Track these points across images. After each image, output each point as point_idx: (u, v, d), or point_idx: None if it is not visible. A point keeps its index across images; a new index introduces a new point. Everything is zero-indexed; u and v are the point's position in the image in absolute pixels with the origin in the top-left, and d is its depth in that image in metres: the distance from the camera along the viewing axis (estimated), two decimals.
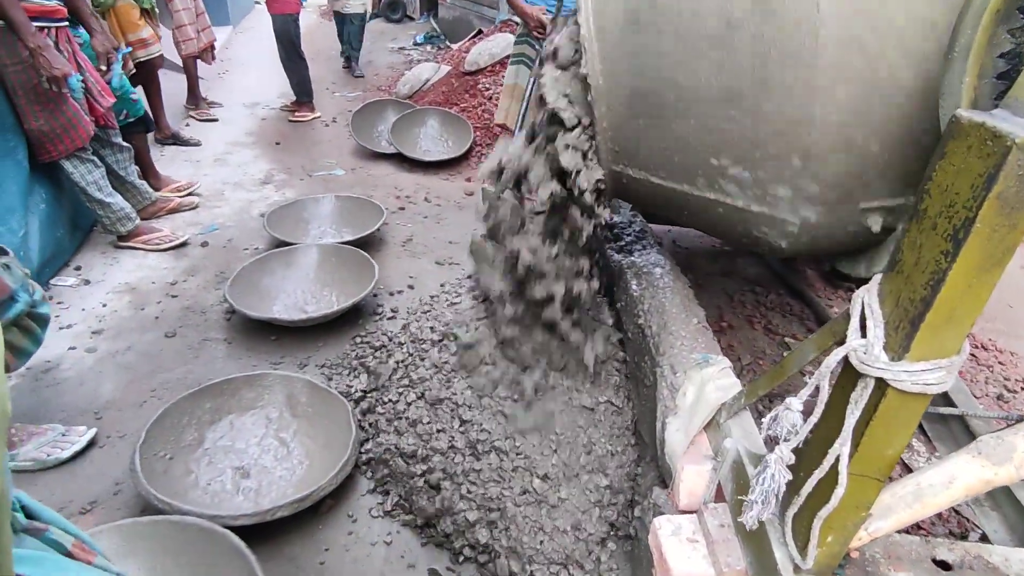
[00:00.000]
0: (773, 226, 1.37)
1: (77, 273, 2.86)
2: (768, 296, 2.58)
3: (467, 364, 1.84)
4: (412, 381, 1.93)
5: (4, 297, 0.84)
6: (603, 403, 1.80)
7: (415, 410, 1.85)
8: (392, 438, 1.85)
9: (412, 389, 1.91)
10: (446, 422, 1.78)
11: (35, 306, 0.88)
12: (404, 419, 1.86)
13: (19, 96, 2.53)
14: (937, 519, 1.76)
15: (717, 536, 1.27)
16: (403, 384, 1.95)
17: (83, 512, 1.74)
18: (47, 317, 0.95)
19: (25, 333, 0.89)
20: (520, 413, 1.74)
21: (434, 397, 1.84)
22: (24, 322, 0.91)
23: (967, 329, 0.79)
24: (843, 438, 0.89)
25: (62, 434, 1.93)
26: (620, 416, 1.80)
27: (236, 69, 6.87)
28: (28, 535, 0.54)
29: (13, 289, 0.85)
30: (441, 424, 1.78)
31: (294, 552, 1.66)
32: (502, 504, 1.64)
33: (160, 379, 2.26)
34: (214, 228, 3.37)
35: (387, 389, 2.00)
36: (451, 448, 1.74)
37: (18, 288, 0.86)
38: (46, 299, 0.96)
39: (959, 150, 0.75)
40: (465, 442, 1.74)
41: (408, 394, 1.90)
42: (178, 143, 4.43)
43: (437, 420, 1.80)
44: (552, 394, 1.78)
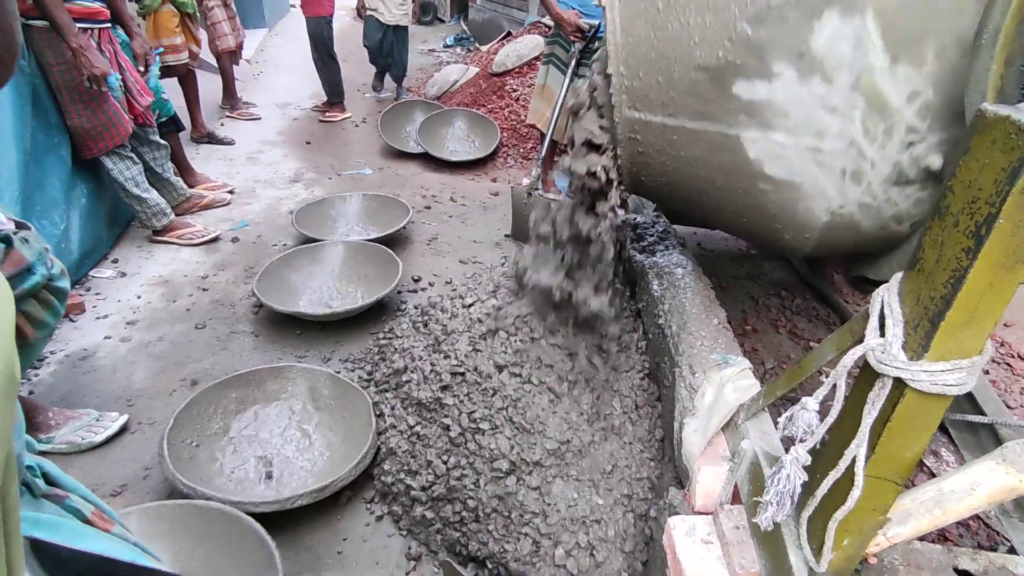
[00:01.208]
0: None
1: (114, 265, 2.96)
2: (794, 300, 2.53)
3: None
4: (426, 376, 1.95)
5: (21, 268, 0.88)
6: (624, 412, 1.79)
7: (431, 410, 1.86)
8: (404, 444, 1.87)
9: (428, 384, 1.93)
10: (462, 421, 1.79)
11: (53, 279, 0.92)
12: (420, 417, 1.88)
13: (63, 95, 2.63)
14: (965, 530, 1.70)
15: (732, 538, 1.25)
16: (421, 379, 1.97)
17: (114, 494, 1.80)
18: (66, 291, 0.99)
19: (44, 305, 0.93)
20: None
21: (437, 397, 1.86)
22: (42, 294, 0.95)
23: (989, 329, 0.77)
24: (859, 439, 0.88)
25: (96, 419, 2.00)
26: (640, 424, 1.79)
27: (270, 70, 7.03)
28: (48, 501, 0.56)
29: (31, 262, 0.89)
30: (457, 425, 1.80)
31: (313, 541, 1.69)
32: (512, 503, 1.65)
33: (189, 369, 2.32)
34: (244, 224, 3.45)
35: (405, 384, 2.02)
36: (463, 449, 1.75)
37: (35, 261, 0.90)
38: (64, 274, 1.00)
39: (983, 144, 0.73)
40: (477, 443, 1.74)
41: (425, 389, 1.92)
42: (212, 142, 4.55)
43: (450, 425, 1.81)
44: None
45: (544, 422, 1.73)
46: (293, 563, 1.62)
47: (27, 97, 2.51)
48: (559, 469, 1.70)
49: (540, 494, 1.68)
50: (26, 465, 0.55)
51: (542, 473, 1.69)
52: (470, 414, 1.78)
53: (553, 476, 1.69)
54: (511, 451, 1.71)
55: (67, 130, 2.71)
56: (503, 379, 1.80)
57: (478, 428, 1.76)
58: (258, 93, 5.95)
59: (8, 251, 0.83)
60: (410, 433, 1.86)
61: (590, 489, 1.68)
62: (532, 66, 5.43)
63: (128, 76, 2.85)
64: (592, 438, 1.73)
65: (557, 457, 1.70)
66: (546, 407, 1.75)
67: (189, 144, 4.26)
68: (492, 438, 1.73)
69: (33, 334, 0.93)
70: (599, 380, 1.81)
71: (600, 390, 1.81)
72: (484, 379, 1.83)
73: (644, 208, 2.60)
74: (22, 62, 2.49)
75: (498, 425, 1.75)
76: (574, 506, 1.65)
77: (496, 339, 1.88)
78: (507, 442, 1.72)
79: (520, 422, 1.74)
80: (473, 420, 1.77)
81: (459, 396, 1.84)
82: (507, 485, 1.68)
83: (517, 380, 1.81)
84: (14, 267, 0.87)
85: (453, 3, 10.61)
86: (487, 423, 1.76)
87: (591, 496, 1.67)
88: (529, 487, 1.68)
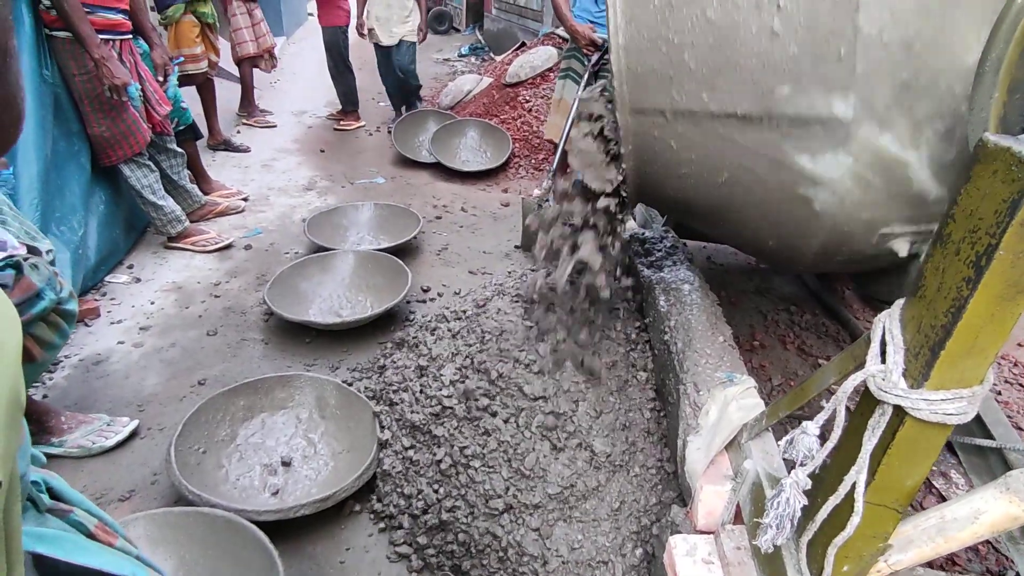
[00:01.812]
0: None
1: (129, 271, 3.01)
2: (803, 316, 2.52)
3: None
4: (417, 398, 1.94)
5: (31, 294, 0.91)
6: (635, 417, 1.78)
7: (433, 424, 1.85)
8: (398, 465, 1.85)
9: (421, 407, 1.91)
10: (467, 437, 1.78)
11: (62, 303, 0.95)
12: (423, 433, 1.87)
13: (84, 104, 2.69)
14: (974, 555, 1.68)
15: (733, 558, 1.24)
16: (413, 401, 1.96)
17: (122, 499, 1.82)
18: (74, 312, 1.02)
19: (52, 328, 0.96)
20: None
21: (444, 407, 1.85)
22: (51, 317, 0.97)
23: (991, 360, 0.77)
24: (859, 465, 0.87)
25: (107, 424, 2.03)
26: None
27: (286, 78, 7.12)
28: (53, 515, 0.58)
29: (40, 287, 0.92)
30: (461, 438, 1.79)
31: (315, 551, 1.70)
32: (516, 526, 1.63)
33: (200, 375, 2.35)
34: (258, 232, 3.49)
35: (399, 403, 2.00)
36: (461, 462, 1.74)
37: (44, 286, 0.93)
38: (72, 296, 1.02)
39: (984, 174, 0.73)
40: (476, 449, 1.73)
41: (418, 411, 1.90)
42: (228, 149, 4.62)
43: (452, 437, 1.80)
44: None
45: (545, 468, 1.65)
46: (296, 572, 1.64)
47: (49, 106, 2.57)
48: (561, 512, 1.62)
49: (540, 536, 1.60)
50: (32, 480, 0.57)
51: (543, 515, 1.62)
52: (462, 449, 1.72)
53: (555, 519, 1.62)
54: (507, 492, 1.64)
55: (87, 138, 2.77)
56: (498, 423, 1.72)
57: (469, 464, 1.70)
58: (274, 101, 6.03)
59: (19, 278, 0.86)
60: (404, 456, 1.83)
61: (595, 530, 1.61)
62: (545, 77, 5.46)
63: (147, 86, 2.91)
64: (598, 482, 1.65)
65: (559, 501, 1.63)
66: (548, 454, 1.67)
67: (205, 151, 4.32)
68: (486, 476, 1.67)
69: (41, 355, 0.95)
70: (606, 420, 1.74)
71: (610, 430, 1.73)
72: (475, 415, 1.76)
73: (653, 223, 2.60)
74: (45, 72, 2.55)
75: (493, 466, 1.69)
76: (578, 548, 1.57)
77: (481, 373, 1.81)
78: (503, 483, 1.65)
79: (519, 467, 1.66)
80: (465, 456, 1.71)
81: (448, 428, 1.78)
82: (503, 524, 1.62)
83: (513, 427, 1.72)
84: (23, 293, 0.90)
85: (468, 13, 10.70)
86: (479, 461, 1.70)
87: (596, 537, 1.60)
88: (529, 527, 1.61)
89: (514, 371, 1.78)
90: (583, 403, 1.74)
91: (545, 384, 1.75)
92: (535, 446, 1.68)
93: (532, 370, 1.77)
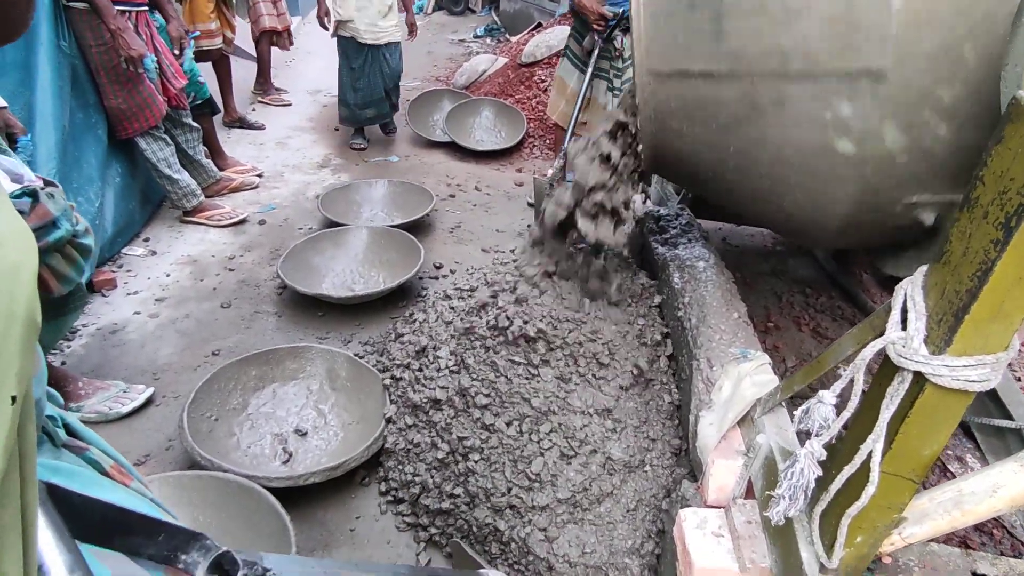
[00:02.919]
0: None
1: (145, 244, 3.04)
2: (819, 298, 2.48)
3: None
4: (418, 379, 1.92)
5: (47, 222, 0.92)
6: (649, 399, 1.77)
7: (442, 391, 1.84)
8: (401, 443, 1.83)
9: (423, 387, 1.88)
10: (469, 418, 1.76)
11: (77, 236, 0.96)
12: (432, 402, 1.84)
13: (101, 76, 2.69)
14: (988, 539, 1.66)
15: (743, 532, 1.24)
16: (413, 381, 1.94)
17: (138, 464, 1.85)
18: (90, 248, 1.03)
19: (68, 260, 0.97)
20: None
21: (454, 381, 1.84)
22: (66, 250, 0.98)
23: (1016, 325, 0.75)
24: (876, 434, 0.86)
25: (123, 391, 2.06)
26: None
27: (301, 58, 7.09)
28: (68, 451, 0.58)
29: (55, 216, 0.93)
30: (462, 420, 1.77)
31: (327, 517, 1.72)
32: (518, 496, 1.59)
33: (214, 346, 2.37)
34: (272, 207, 3.50)
35: (400, 380, 1.99)
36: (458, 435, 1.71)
37: (60, 216, 0.94)
38: (89, 232, 1.03)
39: (1017, 134, 0.71)
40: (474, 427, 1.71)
41: (420, 391, 1.88)
42: (244, 126, 4.62)
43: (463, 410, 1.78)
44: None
45: (555, 474, 1.57)
46: (307, 538, 1.66)
47: (67, 77, 2.57)
48: (571, 515, 1.55)
49: (547, 538, 1.52)
50: (48, 415, 0.57)
51: (550, 517, 1.55)
52: (461, 439, 1.67)
53: (564, 522, 1.55)
54: (509, 492, 1.57)
55: (104, 110, 2.78)
56: (499, 425, 1.65)
57: (467, 457, 1.65)
58: (289, 80, 6.02)
59: (35, 205, 0.86)
60: (405, 435, 1.81)
61: (610, 533, 1.54)
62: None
63: (163, 59, 2.91)
64: (612, 488, 1.59)
65: (571, 504, 1.56)
66: (558, 460, 1.59)
67: (220, 128, 4.33)
68: (487, 472, 1.60)
69: (57, 287, 0.96)
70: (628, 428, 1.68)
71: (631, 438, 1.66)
72: (472, 410, 1.69)
73: (668, 200, 2.57)
74: (62, 43, 2.56)
75: (494, 463, 1.61)
76: (591, 553, 1.51)
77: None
78: (505, 483, 1.58)
79: (525, 471, 1.58)
80: (465, 448, 1.66)
81: (446, 416, 1.73)
82: (507, 518, 1.56)
83: (515, 429, 1.64)
84: (39, 220, 0.91)
85: None
86: (477, 454, 1.63)
87: (612, 540, 1.53)
88: (536, 527, 1.54)
89: (513, 370, 1.73)
90: (596, 416, 1.66)
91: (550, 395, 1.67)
92: (545, 451, 1.61)
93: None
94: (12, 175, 0.96)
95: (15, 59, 2.38)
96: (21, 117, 2.17)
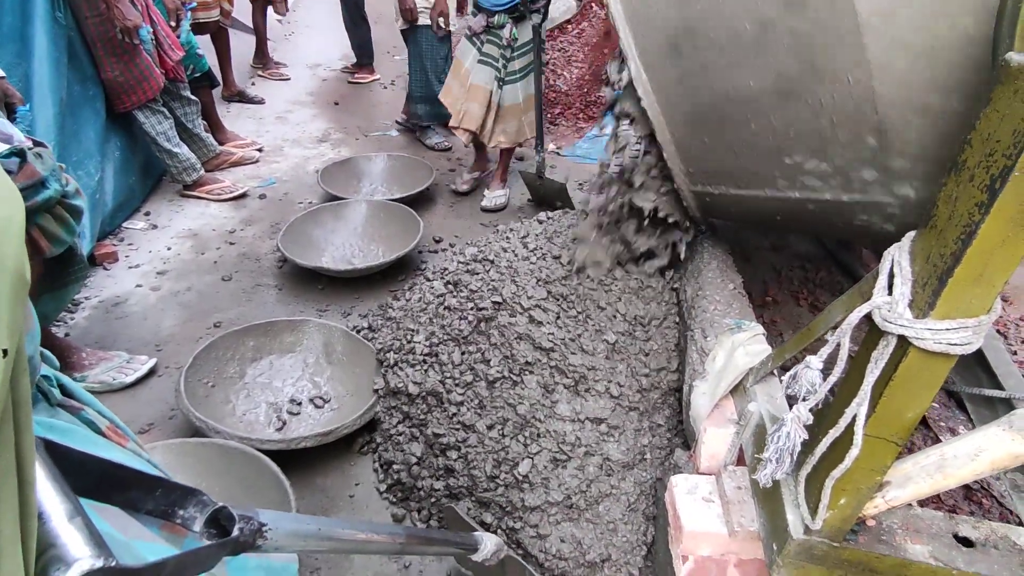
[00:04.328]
0: (872, 211, 1.30)
1: (146, 218, 3.05)
2: (818, 273, 2.48)
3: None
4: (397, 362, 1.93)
5: (35, 181, 0.93)
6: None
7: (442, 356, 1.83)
8: (386, 419, 1.85)
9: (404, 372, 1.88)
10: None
11: (67, 196, 0.97)
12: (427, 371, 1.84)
13: (98, 47, 2.67)
14: (977, 508, 1.69)
15: (733, 497, 1.26)
16: (410, 352, 1.94)
17: (141, 432, 1.89)
18: (80, 209, 1.04)
19: (59, 221, 0.98)
20: None
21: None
22: (56, 210, 0.99)
23: (999, 288, 0.75)
24: (861, 397, 0.87)
25: (126, 361, 2.09)
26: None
27: (302, 31, 7.01)
28: (64, 411, 0.60)
29: (43, 176, 0.94)
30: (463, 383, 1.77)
31: (326, 483, 1.76)
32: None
33: (215, 318, 2.40)
34: (272, 182, 3.50)
35: (385, 363, 1.99)
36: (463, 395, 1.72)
37: (48, 176, 0.95)
38: (79, 194, 1.04)
39: (1005, 95, 0.71)
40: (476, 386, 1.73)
41: (401, 376, 1.87)
42: (243, 101, 4.59)
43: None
44: None
45: (547, 477, 1.54)
46: (307, 504, 1.69)
47: (63, 49, 2.56)
48: (566, 514, 1.52)
49: (539, 536, 1.50)
50: (43, 375, 0.59)
51: (541, 517, 1.52)
52: (437, 435, 1.66)
53: (558, 520, 1.52)
54: (496, 490, 1.55)
55: (101, 83, 2.76)
56: (480, 427, 1.63)
57: (445, 452, 1.64)
58: (289, 53, 5.95)
59: (23, 164, 0.87)
60: (389, 413, 1.83)
61: (611, 533, 1.51)
62: (563, 29, 5.31)
63: (159, 30, 2.89)
64: (612, 487, 1.55)
65: (564, 507, 1.52)
66: (548, 464, 1.56)
67: (220, 102, 4.30)
68: (468, 465, 1.58)
69: (49, 248, 0.97)
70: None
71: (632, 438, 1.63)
72: (451, 407, 1.66)
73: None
74: (58, 14, 2.54)
75: (474, 460, 1.59)
76: (588, 551, 1.49)
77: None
78: (487, 480, 1.56)
79: (514, 474, 1.55)
80: (443, 446, 1.65)
81: (420, 409, 1.72)
82: (494, 511, 1.54)
83: (498, 430, 1.61)
84: (27, 179, 0.91)
85: None
86: (455, 453, 1.63)
87: (612, 538, 1.50)
88: (527, 523, 1.51)
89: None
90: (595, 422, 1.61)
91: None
92: (535, 455, 1.58)
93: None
94: (2, 136, 0.97)
95: (12, 30, 2.37)
96: (19, 88, 2.17)
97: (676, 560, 1.30)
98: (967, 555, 1.02)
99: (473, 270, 1.92)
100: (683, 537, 1.26)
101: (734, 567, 1.28)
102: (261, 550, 0.61)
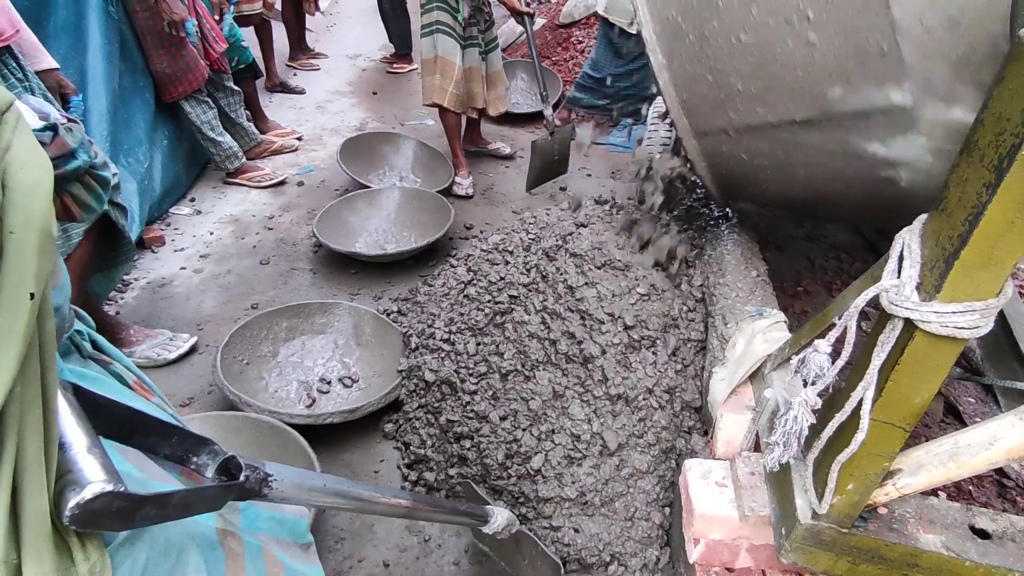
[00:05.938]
0: (896, 162, 1.25)
1: (191, 204, 3.18)
2: (853, 264, 2.42)
3: None
4: (434, 340, 1.96)
5: (65, 151, 1.02)
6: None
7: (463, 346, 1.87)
8: (407, 401, 1.90)
9: (428, 353, 1.92)
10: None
11: (96, 167, 1.04)
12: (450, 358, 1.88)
13: (146, 40, 2.80)
14: (1011, 506, 1.63)
15: (746, 483, 1.26)
16: (431, 336, 1.98)
17: (182, 405, 1.99)
18: (108, 180, 1.13)
19: (88, 190, 1.06)
20: None
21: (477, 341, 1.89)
22: (85, 179, 1.08)
23: (1007, 271, 0.74)
24: (867, 381, 0.87)
25: (170, 339, 2.20)
26: None
27: (343, 22, 7.13)
28: (94, 363, 0.65)
29: (73, 147, 1.02)
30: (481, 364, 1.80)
31: (352, 459, 1.83)
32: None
33: (253, 300, 2.50)
34: (310, 169, 3.60)
35: (413, 349, 2.03)
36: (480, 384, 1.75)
37: (78, 147, 1.02)
38: (108, 165, 1.12)
39: (1018, 73, 0.69)
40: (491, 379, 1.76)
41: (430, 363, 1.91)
42: (285, 91, 4.71)
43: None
44: None
45: (561, 472, 1.56)
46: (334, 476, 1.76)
47: (115, 42, 2.69)
48: (581, 509, 1.53)
49: (552, 528, 1.51)
50: (75, 330, 0.64)
51: (555, 509, 1.53)
52: (451, 422, 1.69)
53: (572, 514, 1.53)
54: (509, 479, 1.56)
55: (150, 74, 2.89)
56: (494, 417, 1.64)
57: (459, 440, 1.66)
58: (330, 44, 6.07)
59: (55, 137, 0.95)
60: (409, 396, 1.88)
61: (628, 527, 1.51)
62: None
63: (204, 23, 3.00)
64: (628, 488, 1.55)
65: (579, 503, 1.52)
66: (561, 461, 1.56)
67: (262, 92, 4.43)
68: (481, 454, 1.60)
69: (80, 214, 1.05)
70: None
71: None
72: (464, 396, 1.69)
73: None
74: (111, 8, 2.66)
75: (486, 449, 1.61)
76: (603, 545, 1.50)
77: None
78: (499, 468, 1.58)
79: (527, 467, 1.56)
80: (458, 435, 1.68)
81: (435, 396, 1.77)
82: (507, 501, 1.55)
83: (510, 422, 1.62)
84: (59, 150, 1.00)
85: None
86: (469, 440, 1.65)
87: (623, 531, 1.50)
88: (541, 514, 1.53)
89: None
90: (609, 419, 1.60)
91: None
92: (550, 451, 1.59)
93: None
94: (40, 113, 1.07)
95: (67, 24, 2.50)
96: (74, 80, 2.30)
97: (688, 543, 1.31)
98: (982, 547, 1.00)
99: (493, 260, 1.95)
100: (695, 520, 1.27)
101: (746, 552, 1.28)
102: (267, 498, 0.66)
